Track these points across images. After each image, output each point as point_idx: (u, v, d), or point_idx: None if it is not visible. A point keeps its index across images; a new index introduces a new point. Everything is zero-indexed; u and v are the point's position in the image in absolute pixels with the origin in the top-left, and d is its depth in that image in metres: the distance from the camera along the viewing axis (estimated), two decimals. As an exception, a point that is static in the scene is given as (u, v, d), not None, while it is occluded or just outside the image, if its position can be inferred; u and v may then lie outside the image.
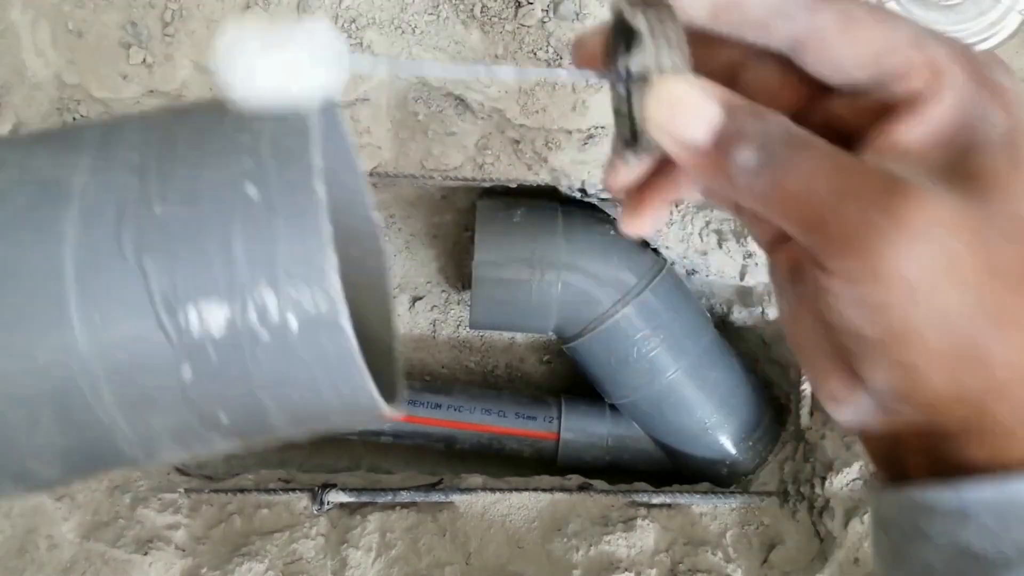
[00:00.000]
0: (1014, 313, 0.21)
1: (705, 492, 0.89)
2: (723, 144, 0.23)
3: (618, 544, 0.81)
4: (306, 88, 0.23)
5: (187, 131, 0.25)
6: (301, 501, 0.83)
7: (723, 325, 0.99)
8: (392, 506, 0.84)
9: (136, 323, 0.23)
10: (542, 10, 0.70)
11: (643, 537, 0.82)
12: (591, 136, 0.75)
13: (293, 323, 0.23)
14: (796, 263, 0.25)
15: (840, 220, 0.21)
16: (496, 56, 0.71)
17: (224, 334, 0.23)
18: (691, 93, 0.24)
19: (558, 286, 0.85)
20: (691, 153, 0.24)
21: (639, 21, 0.24)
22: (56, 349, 0.23)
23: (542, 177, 0.79)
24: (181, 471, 0.90)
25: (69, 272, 0.23)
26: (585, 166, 0.77)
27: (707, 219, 0.85)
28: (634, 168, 0.27)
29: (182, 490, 0.83)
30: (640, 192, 0.29)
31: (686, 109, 0.24)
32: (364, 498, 0.84)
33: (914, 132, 0.23)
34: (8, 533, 0.74)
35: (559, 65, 0.72)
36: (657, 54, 0.24)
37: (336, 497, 0.82)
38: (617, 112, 0.27)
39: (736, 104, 0.24)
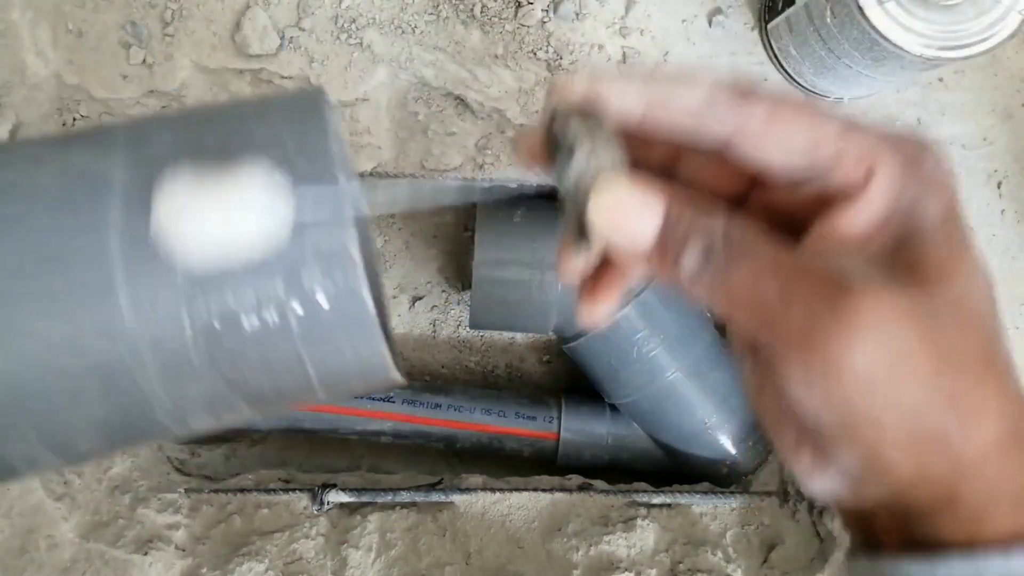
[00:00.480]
0: (971, 398, 0.21)
1: (705, 492, 0.89)
2: (666, 246, 0.24)
3: (618, 544, 0.81)
4: (249, 236, 0.25)
5: (213, 129, 0.28)
6: (301, 501, 0.83)
7: (723, 325, 0.99)
8: (392, 506, 0.84)
9: (178, 299, 0.26)
10: (542, 10, 0.70)
11: (643, 537, 0.82)
12: (591, 136, 0.75)
13: (321, 295, 0.26)
14: (755, 339, 0.25)
15: (787, 319, 0.22)
16: (496, 56, 0.71)
17: (258, 308, 0.26)
18: (631, 198, 0.24)
19: (558, 286, 0.85)
20: (636, 253, 0.25)
21: (571, 130, 0.25)
22: (103, 325, 0.25)
23: (542, 177, 0.79)
24: (181, 471, 0.90)
25: (115, 255, 0.25)
26: (585, 166, 0.77)
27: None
28: (585, 258, 0.27)
29: (182, 490, 0.83)
30: (593, 281, 0.29)
31: (627, 213, 0.24)
32: (364, 498, 0.84)
33: (852, 222, 0.23)
34: (8, 533, 0.74)
35: (559, 65, 0.72)
36: (593, 159, 0.24)
37: (336, 497, 0.82)
38: (563, 207, 0.27)
39: (676, 204, 0.24)
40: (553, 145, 0.27)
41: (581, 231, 0.26)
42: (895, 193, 0.23)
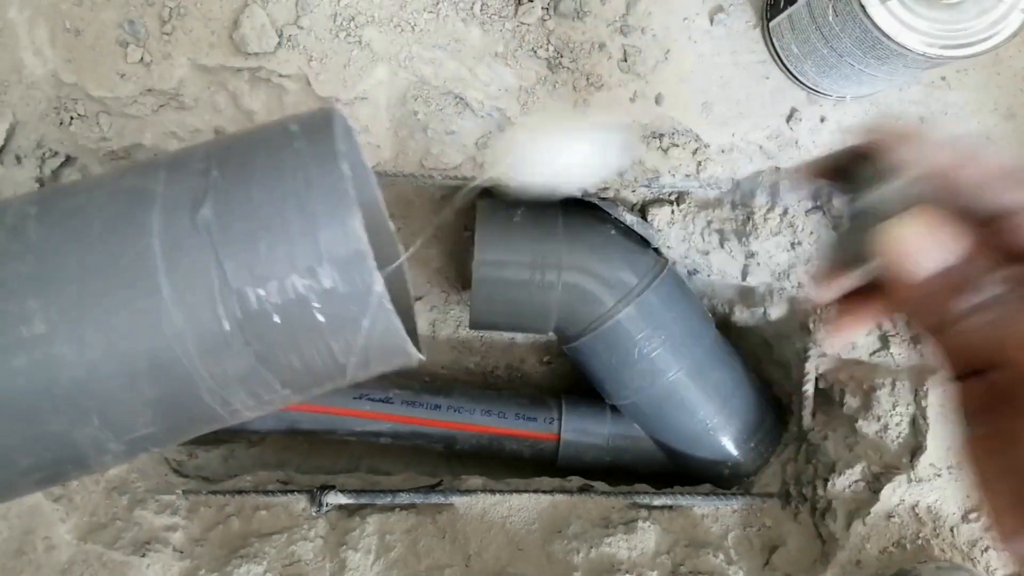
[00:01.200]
0: None
1: (707, 494, 0.88)
2: (951, 281, 0.26)
3: (619, 546, 0.81)
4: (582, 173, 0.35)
5: (240, 147, 0.33)
6: (300, 503, 0.82)
7: (725, 325, 0.98)
8: (391, 508, 0.84)
9: (212, 290, 0.30)
10: (543, 8, 0.70)
11: (644, 539, 0.82)
12: (592, 135, 0.75)
13: (340, 282, 0.30)
14: (994, 395, 0.26)
15: None
16: (496, 54, 0.71)
17: (285, 296, 0.30)
18: (936, 230, 0.27)
19: (558, 286, 0.84)
20: (912, 282, 0.27)
21: (886, 165, 0.28)
22: (150, 314, 0.30)
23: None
24: (179, 472, 0.90)
25: (158, 254, 0.30)
26: (586, 165, 0.77)
27: (709, 219, 0.84)
28: (851, 280, 0.30)
29: (180, 492, 0.82)
30: (842, 308, 0.32)
31: (927, 242, 0.26)
32: (363, 500, 0.83)
33: None
34: (5, 535, 0.73)
35: (559, 63, 0.71)
36: (903, 189, 0.27)
37: (335, 499, 0.82)
38: (840, 231, 0.30)
39: (973, 248, 0.26)
40: (847, 170, 0.30)
41: (860, 251, 0.28)
42: None
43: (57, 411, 0.31)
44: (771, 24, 0.70)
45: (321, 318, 0.30)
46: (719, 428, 0.90)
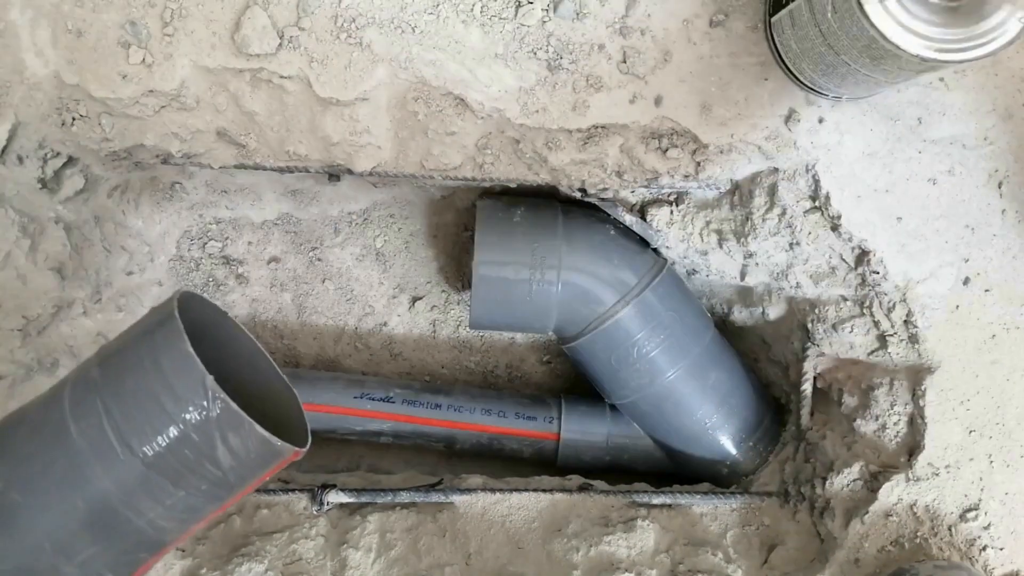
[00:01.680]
0: None
1: (705, 492, 0.89)
2: None
3: (618, 544, 0.81)
4: None
5: (117, 355, 0.46)
6: (301, 502, 0.82)
7: (723, 325, 0.98)
8: (392, 506, 0.84)
9: (110, 437, 0.44)
10: (542, 9, 0.70)
11: (643, 537, 0.82)
12: (591, 136, 0.75)
13: (196, 409, 0.42)
14: None
15: None
16: (496, 55, 0.71)
17: (170, 441, 0.42)
18: None
19: (558, 286, 0.85)
20: None
21: None
22: (71, 462, 0.44)
23: (542, 177, 0.79)
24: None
25: (71, 426, 0.44)
26: (585, 166, 0.77)
27: (707, 219, 0.85)
28: None
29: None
30: None
31: None
32: (364, 498, 0.84)
33: None
34: (7, 533, 0.74)
35: (559, 65, 0.71)
36: None
37: (336, 497, 0.82)
38: None
39: None
40: None
41: None
42: None
43: (14, 542, 0.45)
44: (772, 20, 0.70)
45: (195, 437, 0.41)
46: (718, 427, 0.91)
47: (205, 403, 0.41)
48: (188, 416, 0.41)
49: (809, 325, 0.85)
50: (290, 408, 0.51)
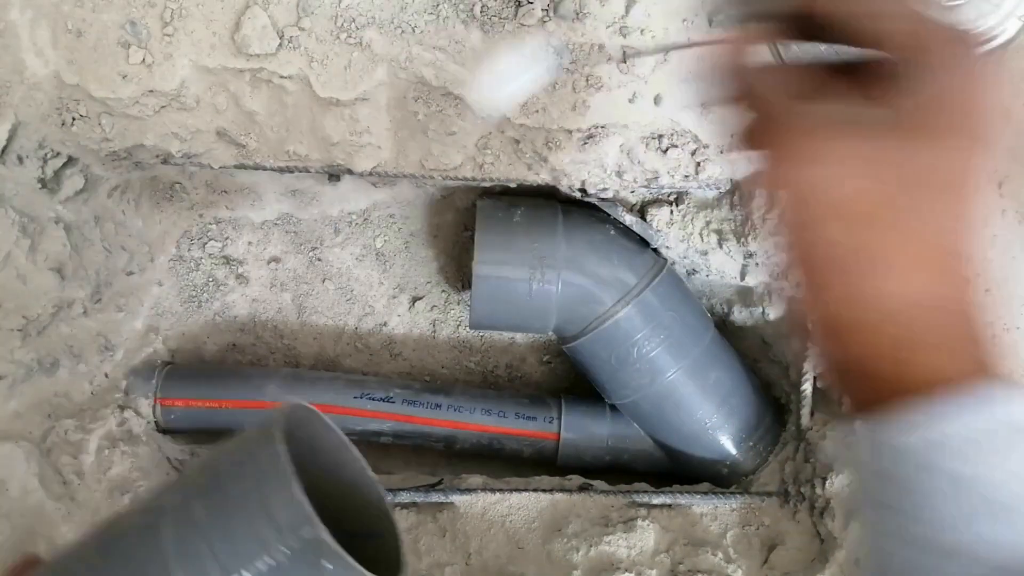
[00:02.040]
0: None
1: (705, 492, 0.89)
2: None
3: (618, 544, 0.81)
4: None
5: (212, 487, 0.44)
6: (301, 501, 0.82)
7: (723, 325, 0.98)
8: (392, 506, 0.84)
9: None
10: (542, 10, 0.70)
11: (643, 537, 0.82)
12: (591, 136, 0.75)
13: (302, 545, 0.40)
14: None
15: None
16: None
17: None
18: None
19: (558, 286, 0.85)
20: None
21: None
22: None
23: (542, 177, 0.79)
24: (181, 471, 0.90)
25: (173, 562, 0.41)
26: (585, 166, 0.77)
27: (707, 219, 0.85)
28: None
29: (182, 490, 0.83)
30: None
31: None
32: (364, 498, 0.83)
33: None
34: (7, 534, 0.74)
35: (559, 65, 0.71)
36: None
37: (336, 497, 0.82)
38: None
39: None
40: None
41: None
42: None
43: None
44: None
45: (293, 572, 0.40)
46: (718, 427, 0.91)
47: (311, 553, 0.40)
48: (288, 552, 0.41)
49: (809, 325, 0.85)
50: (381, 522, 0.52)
